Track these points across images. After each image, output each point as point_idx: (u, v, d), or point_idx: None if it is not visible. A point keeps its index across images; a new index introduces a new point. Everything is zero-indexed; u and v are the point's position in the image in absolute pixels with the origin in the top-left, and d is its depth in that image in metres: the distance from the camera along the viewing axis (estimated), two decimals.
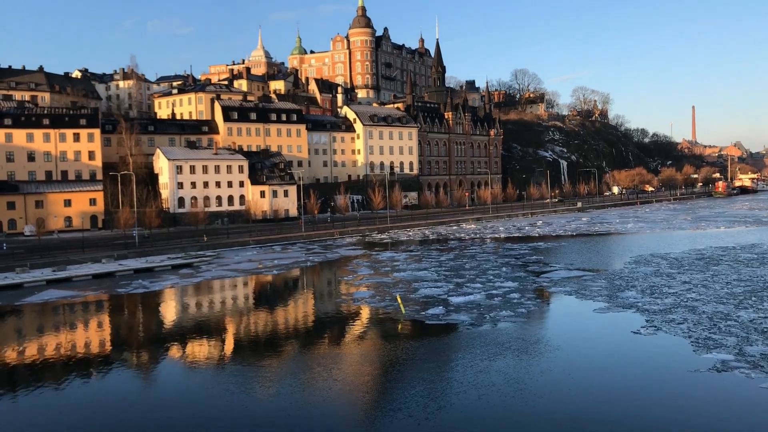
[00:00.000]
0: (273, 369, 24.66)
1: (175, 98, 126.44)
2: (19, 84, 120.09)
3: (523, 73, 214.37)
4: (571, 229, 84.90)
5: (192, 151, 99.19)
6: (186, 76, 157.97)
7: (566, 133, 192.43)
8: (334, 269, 53.97)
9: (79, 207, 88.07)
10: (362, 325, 32.18)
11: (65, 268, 53.25)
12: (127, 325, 35.90)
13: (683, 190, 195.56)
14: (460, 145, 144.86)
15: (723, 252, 55.62)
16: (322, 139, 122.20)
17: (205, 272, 52.78)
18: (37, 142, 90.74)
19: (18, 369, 26.05)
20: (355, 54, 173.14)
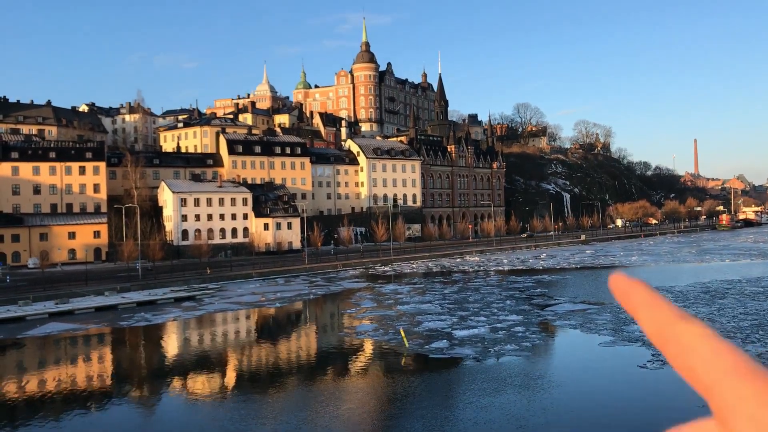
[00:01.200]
0: (275, 403, 24.39)
1: (180, 132, 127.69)
2: (27, 118, 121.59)
3: (525, 106, 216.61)
4: (575, 262, 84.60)
5: (196, 184, 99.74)
6: (191, 110, 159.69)
7: (569, 166, 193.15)
8: (337, 302, 53.72)
9: (84, 239, 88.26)
10: (365, 359, 31.89)
11: (68, 300, 53.12)
12: (128, 358, 35.65)
13: (687, 223, 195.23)
14: (463, 177, 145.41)
15: (728, 285, 55.25)
16: (326, 172, 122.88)
17: (208, 305, 52.57)
18: (43, 175, 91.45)
19: (19, 402, 25.82)
20: (358, 88, 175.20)
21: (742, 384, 0.46)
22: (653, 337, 0.55)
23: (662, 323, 0.54)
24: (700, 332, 0.52)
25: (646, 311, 0.55)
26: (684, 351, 0.51)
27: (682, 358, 0.52)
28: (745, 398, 0.45)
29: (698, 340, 0.51)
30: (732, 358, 0.49)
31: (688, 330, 0.52)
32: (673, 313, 0.54)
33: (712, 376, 0.48)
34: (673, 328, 0.53)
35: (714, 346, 0.50)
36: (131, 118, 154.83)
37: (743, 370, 0.47)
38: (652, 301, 0.55)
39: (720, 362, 0.48)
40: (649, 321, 0.55)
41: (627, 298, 0.57)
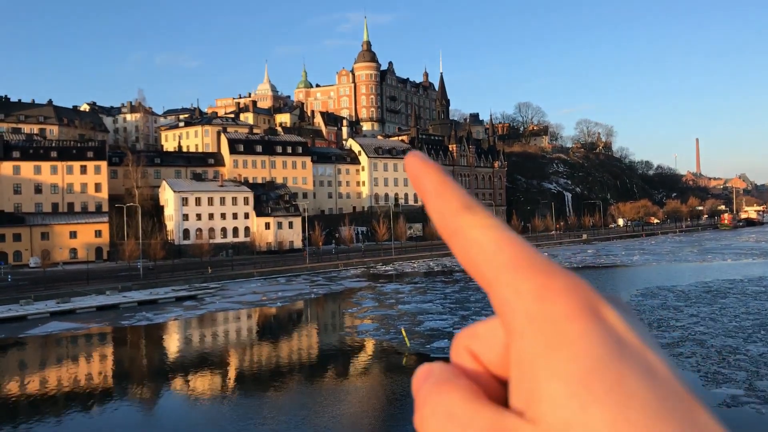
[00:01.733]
0: (276, 402, 24.39)
1: (181, 131, 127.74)
2: (29, 117, 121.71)
3: (526, 106, 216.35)
4: (577, 261, 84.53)
5: (198, 183, 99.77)
6: (193, 109, 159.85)
7: (570, 166, 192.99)
8: (338, 301, 53.70)
9: (85, 239, 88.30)
10: (366, 359, 31.88)
11: (69, 300, 53.14)
12: (130, 357, 35.66)
13: (688, 222, 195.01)
14: (464, 177, 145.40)
15: (730, 285, 55.14)
16: (327, 171, 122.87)
17: (209, 304, 52.57)
18: (44, 174, 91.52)
19: (20, 402, 25.83)
20: (360, 87, 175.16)
21: (519, 277, 0.43)
22: (439, 229, 0.49)
23: (447, 213, 0.48)
24: (483, 223, 0.46)
25: (434, 199, 0.49)
26: (466, 243, 0.46)
27: (465, 251, 0.46)
28: (521, 292, 0.42)
29: (480, 232, 0.46)
30: (512, 251, 0.44)
31: (472, 221, 0.47)
32: (459, 203, 0.48)
33: (492, 271, 0.44)
34: (457, 219, 0.47)
35: (496, 237, 0.45)
36: (132, 118, 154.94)
37: (522, 263, 0.43)
38: (441, 187, 0.49)
39: (500, 255, 0.44)
40: (435, 210, 0.49)
41: (418, 182, 0.51)
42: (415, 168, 0.51)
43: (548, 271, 0.42)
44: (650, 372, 0.37)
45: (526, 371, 0.39)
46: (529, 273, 0.42)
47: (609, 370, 0.37)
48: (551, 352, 0.38)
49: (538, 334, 0.40)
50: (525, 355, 0.40)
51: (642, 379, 0.36)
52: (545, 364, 0.38)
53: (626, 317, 0.41)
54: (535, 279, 0.42)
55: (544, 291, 0.41)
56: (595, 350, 0.38)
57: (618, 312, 0.41)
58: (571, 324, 0.39)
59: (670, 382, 0.37)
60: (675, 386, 0.37)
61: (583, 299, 0.40)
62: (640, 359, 0.38)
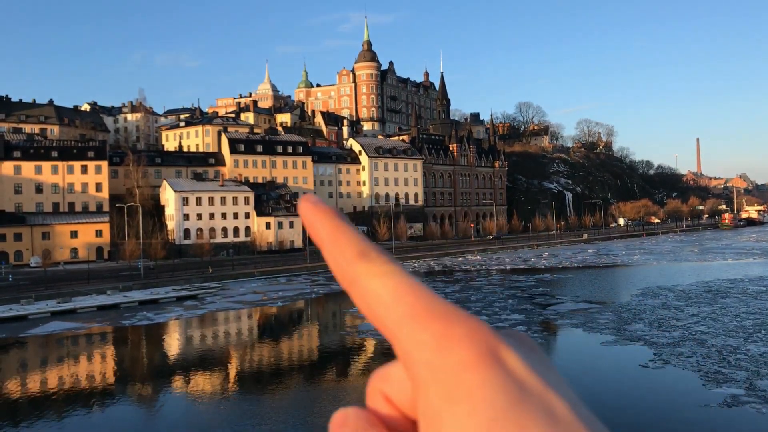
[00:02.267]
0: (277, 402, 24.41)
1: (182, 131, 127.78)
2: (29, 117, 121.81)
3: (527, 105, 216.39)
4: (578, 261, 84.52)
5: (198, 183, 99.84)
6: (193, 108, 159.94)
7: (571, 165, 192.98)
8: (339, 301, 53.73)
9: (86, 238, 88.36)
10: (367, 358, 31.90)
11: (70, 299, 53.19)
12: (130, 357, 35.69)
13: (689, 222, 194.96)
14: (465, 176, 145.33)
15: (731, 284, 55.15)
16: (328, 171, 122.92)
17: (210, 304, 52.61)
18: (45, 174, 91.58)
19: (21, 401, 25.86)
20: (360, 87, 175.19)
21: (418, 328, 0.42)
22: (338, 279, 0.49)
23: (343, 262, 0.47)
24: (380, 271, 0.46)
25: (329, 247, 0.48)
26: (365, 294, 0.45)
27: (364, 302, 0.46)
28: (421, 343, 0.41)
29: (378, 281, 0.45)
30: (410, 299, 0.44)
31: (368, 270, 0.46)
32: (354, 250, 0.47)
33: (392, 322, 0.44)
34: (353, 268, 0.47)
35: (393, 286, 0.45)
36: (133, 117, 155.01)
37: (421, 311, 0.43)
38: (336, 234, 0.48)
39: (398, 306, 0.44)
40: (331, 259, 0.48)
41: (312, 228, 0.50)
42: (308, 213, 0.49)
43: (447, 319, 0.42)
44: (552, 416, 0.38)
45: (432, 422, 0.39)
46: (428, 322, 0.42)
47: (509, 421, 0.36)
48: (452, 405, 0.38)
49: (440, 385, 0.39)
50: (429, 408, 0.40)
51: (543, 426, 0.37)
52: (448, 418, 0.38)
53: (528, 359, 0.42)
54: (434, 328, 0.41)
55: (443, 340, 0.40)
56: (495, 400, 0.37)
57: (519, 354, 0.41)
58: (470, 374, 0.39)
59: (572, 425, 0.39)
60: (577, 429, 0.39)
61: (483, 345, 0.40)
62: (543, 404, 0.39)
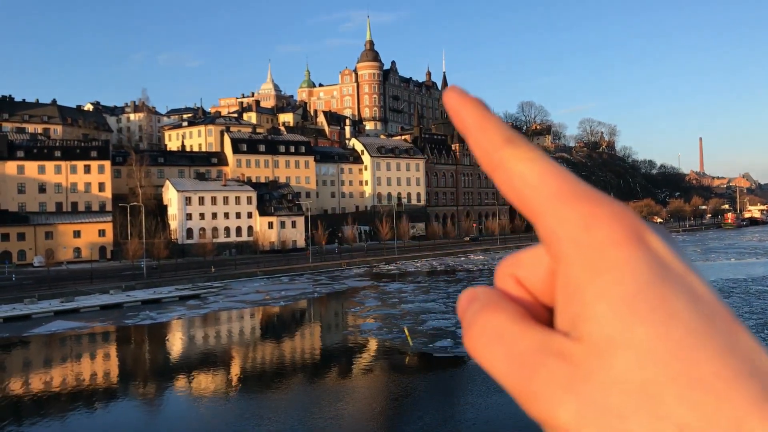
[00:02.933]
0: (279, 401, 24.46)
1: (185, 130, 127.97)
2: (32, 117, 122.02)
3: (529, 105, 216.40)
4: None
5: (201, 183, 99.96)
6: (196, 108, 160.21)
7: (573, 165, 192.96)
8: (341, 300, 53.78)
9: (89, 238, 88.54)
10: (369, 358, 31.93)
11: (73, 299, 53.32)
12: (133, 356, 35.78)
13: (692, 222, 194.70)
14: (468, 176, 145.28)
15: (734, 284, 55.08)
16: (330, 171, 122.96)
17: (213, 303, 52.70)
18: (48, 174, 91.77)
19: (24, 400, 25.95)
20: (363, 87, 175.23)
21: (565, 207, 0.43)
22: (482, 163, 0.48)
23: (490, 147, 0.47)
24: (526, 156, 0.46)
25: (475, 133, 0.48)
26: (510, 177, 0.46)
27: (509, 184, 0.46)
28: (568, 221, 0.42)
29: (524, 165, 0.45)
30: (557, 182, 0.45)
31: (515, 154, 0.46)
32: (501, 136, 0.47)
33: (537, 202, 0.44)
34: (499, 153, 0.47)
35: (540, 169, 0.45)
36: (136, 117, 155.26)
37: (567, 193, 0.44)
38: (483, 122, 0.48)
39: (545, 187, 0.44)
40: (477, 145, 0.48)
41: (458, 117, 0.50)
42: (454, 102, 0.50)
43: (593, 200, 0.43)
44: (693, 294, 0.38)
45: (573, 295, 0.41)
46: (575, 202, 0.43)
47: (653, 292, 0.38)
48: (597, 276, 0.39)
49: (585, 260, 0.41)
50: (571, 281, 0.41)
51: (685, 301, 0.37)
52: (591, 288, 0.39)
53: (670, 244, 0.42)
54: (581, 208, 0.42)
55: (590, 219, 0.42)
56: (640, 274, 0.39)
57: (662, 239, 0.42)
58: (617, 250, 0.40)
59: (713, 304, 0.38)
60: (718, 308, 0.38)
61: (629, 226, 0.41)
62: (684, 282, 0.39)
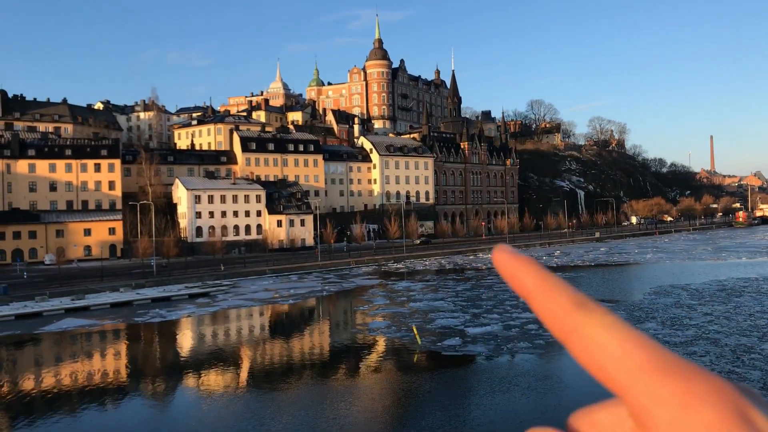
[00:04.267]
0: (288, 399, 24.51)
1: (194, 129, 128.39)
2: (44, 116, 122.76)
3: (539, 103, 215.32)
4: (590, 260, 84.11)
5: (210, 181, 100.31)
6: (205, 107, 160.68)
7: (583, 163, 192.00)
8: (349, 299, 53.83)
9: (99, 236, 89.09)
10: (378, 356, 31.94)
11: (84, 296, 53.65)
12: (143, 354, 35.96)
13: (703, 220, 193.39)
14: (476, 174, 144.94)
15: (745, 283, 54.68)
16: (339, 169, 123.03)
17: (222, 301, 52.88)
18: (59, 172, 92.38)
19: (35, 397, 26.14)
20: (371, 85, 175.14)
21: (657, 383, 0.40)
22: (552, 329, 0.46)
23: (560, 313, 0.45)
24: (602, 322, 0.44)
25: (540, 298, 0.46)
26: (588, 346, 0.43)
27: (587, 353, 0.44)
28: (663, 400, 0.39)
29: (602, 333, 0.43)
30: (642, 353, 0.43)
31: (589, 321, 0.44)
32: (570, 300, 0.45)
33: (623, 376, 0.42)
34: (573, 320, 0.45)
35: (620, 338, 0.43)
36: (146, 116, 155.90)
37: (657, 366, 0.42)
38: (546, 285, 0.46)
39: (630, 359, 0.42)
40: (545, 310, 0.46)
41: (515, 280, 0.48)
42: (508, 265, 0.47)
43: (688, 375, 0.40)
44: None
45: None
46: (667, 378, 0.39)
47: None
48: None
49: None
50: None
51: None
52: None
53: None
54: (677, 385, 0.39)
55: (688, 398, 0.38)
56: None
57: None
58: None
59: None
60: None
61: (732, 405, 0.39)
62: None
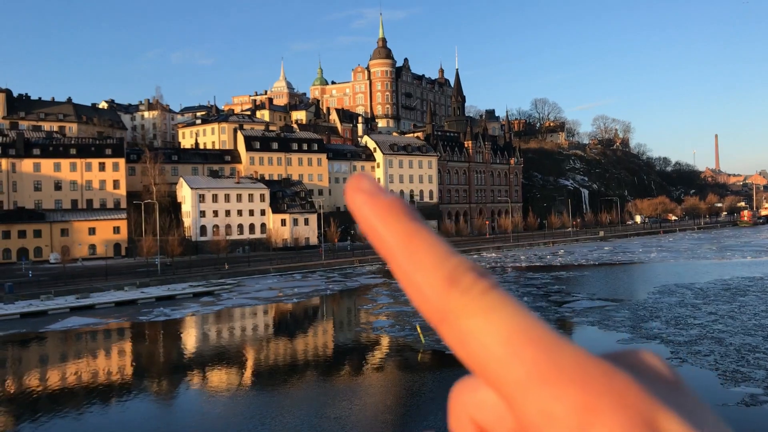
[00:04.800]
0: (292, 398, 24.56)
1: (198, 128, 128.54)
2: (48, 115, 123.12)
3: (543, 102, 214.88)
4: (594, 259, 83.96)
5: (214, 180, 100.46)
6: (209, 106, 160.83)
7: (587, 162, 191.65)
8: (353, 298, 53.87)
9: (104, 235, 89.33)
10: (381, 355, 31.97)
11: (88, 295, 53.85)
12: (148, 352, 36.07)
13: (707, 219, 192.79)
14: (480, 173, 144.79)
15: (750, 282, 54.49)
16: (343, 168, 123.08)
17: (226, 300, 52.99)
18: (63, 171, 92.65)
19: (40, 396, 26.25)
20: (375, 84, 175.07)
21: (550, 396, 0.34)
22: (420, 310, 0.40)
23: (427, 289, 0.39)
24: (480, 306, 0.38)
25: (403, 264, 0.40)
26: (463, 340, 0.39)
27: (463, 348, 0.40)
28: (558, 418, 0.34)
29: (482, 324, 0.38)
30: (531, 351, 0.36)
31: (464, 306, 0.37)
32: (441, 273, 0.38)
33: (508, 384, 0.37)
34: (443, 301, 0.39)
35: (502, 330, 0.38)
36: (150, 115, 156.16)
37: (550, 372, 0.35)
38: (411, 243, 0.39)
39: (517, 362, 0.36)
40: (409, 284, 0.40)
41: (373, 232, 0.41)
42: (366, 210, 0.37)
43: (585, 381, 0.34)
44: None
45: None
46: (561, 387, 0.34)
47: None
48: None
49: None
50: None
51: None
52: None
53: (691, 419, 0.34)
54: (570, 396, 0.33)
55: (585, 415, 0.33)
56: None
57: (680, 417, 0.34)
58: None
59: None
60: None
61: (636, 415, 0.33)
62: None
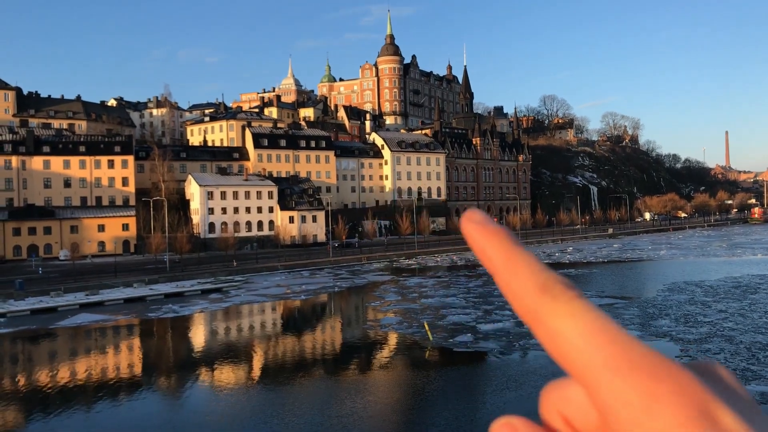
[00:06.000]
0: (300, 394, 24.59)
1: (206, 125, 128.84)
2: (58, 113, 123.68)
3: (551, 98, 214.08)
4: (603, 256, 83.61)
5: (223, 177, 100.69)
6: (218, 103, 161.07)
7: (596, 159, 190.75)
8: (361, 295, 53.88)
9: (113, 232, 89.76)
10: (389, 352, 31.96)
11: (98, 292, 54.13)
12: (156, 349, 36.22)
13: (717, 217, 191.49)
14: (488, 170, 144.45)
15: (760, 280, 54.09)
16: (351, 165, 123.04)
17: (234, 297, 53.14)
18: (73, 168, 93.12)
19: (50, 392, 26.41)
20: (383, 81, 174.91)
21: (620, 382, 0.38)
22: (518, 312, 0.43)
23: (524, 296, 0.42)
24: (567, 310, 0.42)
25: (506, 276, 0.42)
26: (551, 335, 0.41)
27: (551, 343, 0.41)
28: (625, 401, 0.38)
29: (567, 323, 0.41)
30: (607, 348, 0.40)
31: (554, 309, 0.41)
32: (535, 282, 0.42)
33: (587, 371, 0.40)
34: (536, 305, 0.42)
35: (585, 328, 0.41)
36: (158, 112, 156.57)
37: (622, 363, 0.39)
38: (512, 261, 0.42)
39: (594, 354, 0.40)
40: (509, 290, 0.43)
41: (483, 253, 0.44)
42: (475, 235, 0.44)
43: (653, 373, 0.38)
44: None
45: None
46: (632, 376, 0.38)
47: None
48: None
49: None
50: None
51: None
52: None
53: (743, 415, 0.37)
54: (640, 384, 0.38)
55: (651, 400, 0.37)
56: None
57: (734, 412, 0.37)
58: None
59: None
60: None
61: (695, 404, 0.37)
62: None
